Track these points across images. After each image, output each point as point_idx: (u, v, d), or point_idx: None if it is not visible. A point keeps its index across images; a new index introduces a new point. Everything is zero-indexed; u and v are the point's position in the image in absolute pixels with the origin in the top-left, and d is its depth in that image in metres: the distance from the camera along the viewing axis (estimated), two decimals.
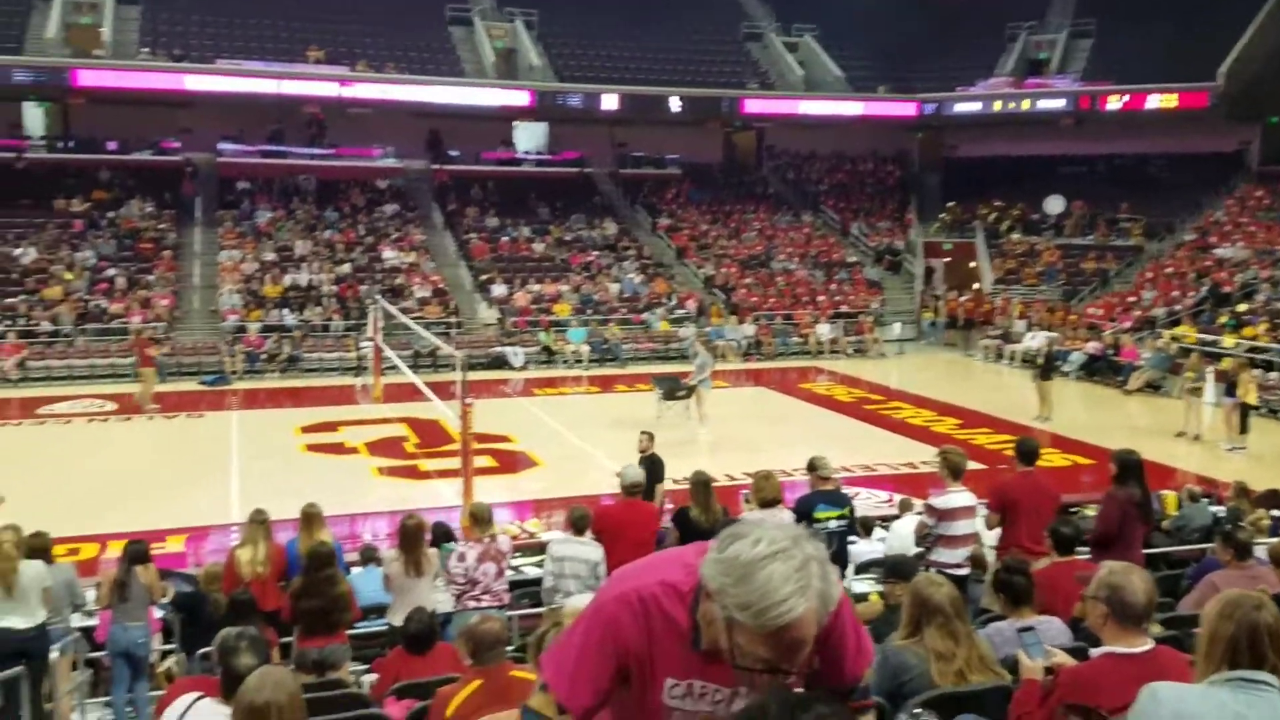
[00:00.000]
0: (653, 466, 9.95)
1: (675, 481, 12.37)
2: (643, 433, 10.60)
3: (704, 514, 7.25)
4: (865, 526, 9.60)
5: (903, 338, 26.53)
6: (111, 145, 27.37)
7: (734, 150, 34.76)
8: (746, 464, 13.49)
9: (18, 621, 6.26)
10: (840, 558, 7.11)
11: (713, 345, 23.18)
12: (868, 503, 11.81)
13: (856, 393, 20.74)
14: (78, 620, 7.14)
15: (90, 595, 7.31)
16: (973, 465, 8.16)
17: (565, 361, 23.39)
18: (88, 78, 24.81)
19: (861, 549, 8.71)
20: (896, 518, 9.72)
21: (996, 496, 6.93)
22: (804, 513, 7.18)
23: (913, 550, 7.22)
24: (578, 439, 16.19)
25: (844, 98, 31.09)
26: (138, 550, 6.92)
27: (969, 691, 3.68)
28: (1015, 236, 29.30)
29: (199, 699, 3.39)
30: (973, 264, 29.35)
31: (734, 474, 12.59)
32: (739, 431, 16.38)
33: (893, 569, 5.41)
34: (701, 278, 27.96)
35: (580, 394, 21.01)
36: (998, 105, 30.17)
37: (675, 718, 2.00)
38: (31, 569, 6.42)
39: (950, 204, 31.09)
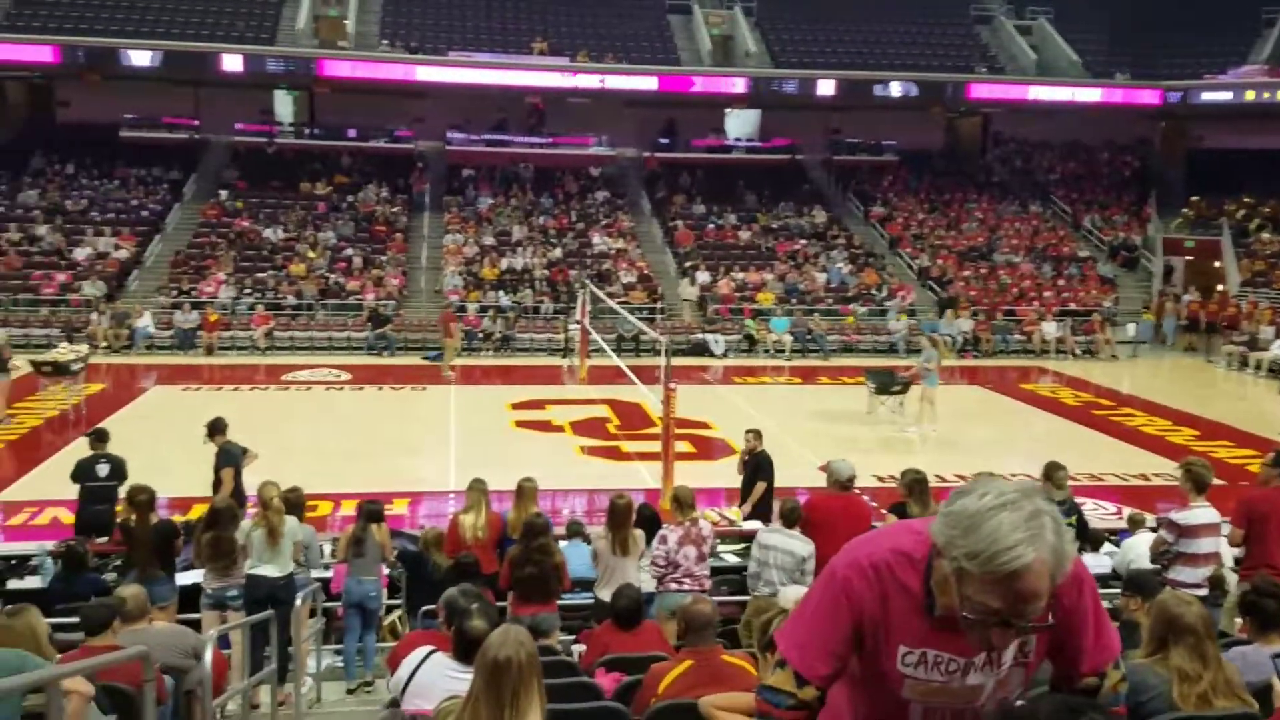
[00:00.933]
0: (759, 465, 9.71)
1: (879, 479, 12.13)
2: (748, 431, 10.50)
3: (923, 511, 7.00)
4: (1093, 540, 9.01)
5: (1137, 339, 24.76)
6: (351, 132, 29.37)
7: (957, 137, 33.42)
8: (960, 465, 13.02)
9: (272, 570, 6.84)
10: None
11: (936, 339, 22.45)
12: (1093, 514, 11.07)
13: (1084, 396, 19.52)
14: (315, 572, 7.68)
15: (327, 549, 7.86)
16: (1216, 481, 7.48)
17: (767, 351, 23.22)
18: (332, 68, 26.66)
19: (1088, 563, 8.15)
20: (1126, 532, 9.07)
21: (1243, 511, 6.40)
22: None
23: (1146, 568, 6.73)
24: (778, 429, 16.00)
25: (1080, 84, 29.28)
26: (374, 510, 7.38)
27: (1213, 717, 3.48)
28: (1266, 236, 26.89)
29: (432, 652, 3.57)
30: (1217, 264, 27.07)
31: (945, 475, 12.11)
32: (953, 431, 15.73)
33: (1133, 583, 5.05)
34: (916, 269, 27.06)
35: (781, 384, 20.80)
36: (1250, 95, 27.81)
37: (909, 687, 1.97)
38: (290, 523, 7.00)
39: (1194, 198, 28.83)
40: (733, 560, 8.78)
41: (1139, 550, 7.54)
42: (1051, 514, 1.75)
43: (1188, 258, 27.82)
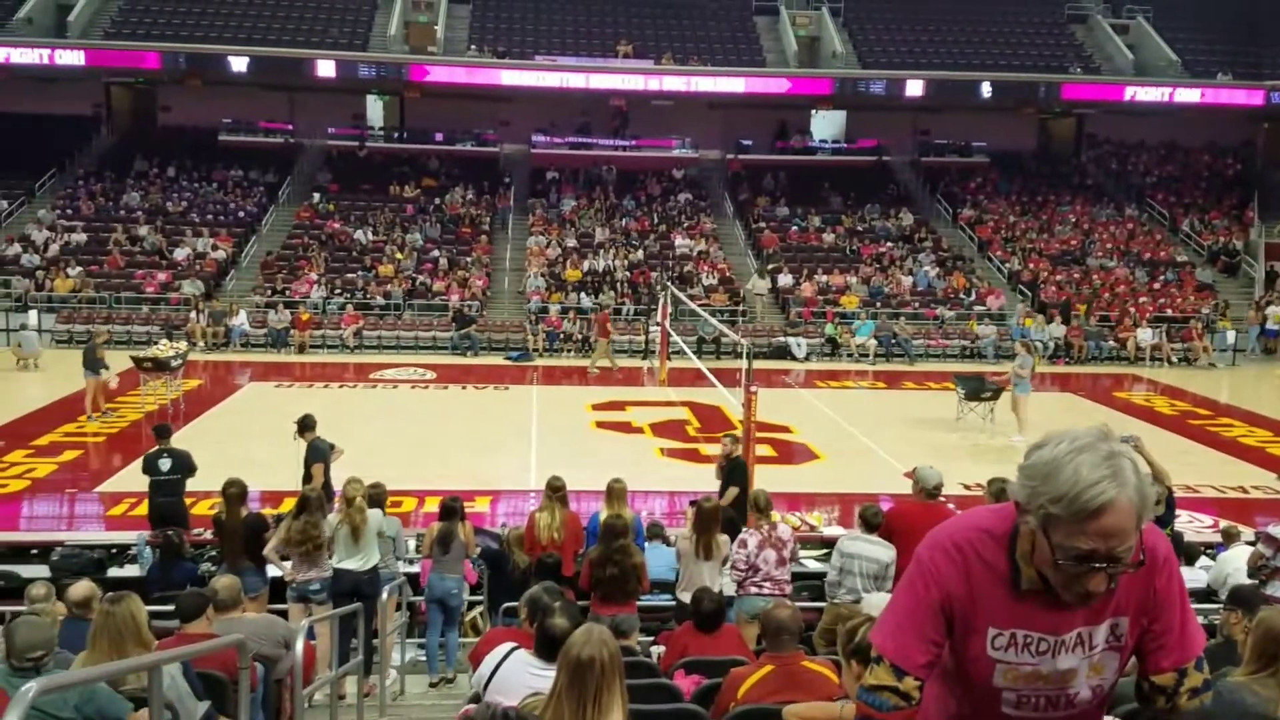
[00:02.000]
0: (734, 471, 9.53)
1: (966, 488, 11.88)
2: (725, 435, 10.27)
3: None
4: (1188, 554, 8.69)
5: (1237, 347, 23.80)
6: (439, 136, 29.91)
7: (1050, 138, 32.59)
8: None
9: (356, 564, 7.00)
10: None
11: (1030, 344, 21.94)
12: (1189, 527, 10.70)
13: (1180, 405, 18.85)
14: (402, 567, 7.83)
15: (412, 545, 8.01)
16: None
17: (850, 355, 22.93)
18: (422, 73, 27.18)
19: (1184, 576, 7.87)
20: (1221, 546, 8.74)
21: None
22: None
23: (1248, 583, 6.47)
24: (861, 434, 15.83)
25: (1179, 84, 28.25)
26: (456, 507, 7.50)
27: None
28: None
29: (514, 649, 3.61)
30: None
31: None
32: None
33: (1236, 598, 4.85)
34: (1006, 273, 26.46)
35: (865, 389, 20.52)
36: None
37: (1000, 673, 1.94)
38: (374, 518, 7.15)
39: None
40: (814, 566, 8.69)
41: (1235, 564, 7.27)
42: (1128, 455, 1.76)
43: None
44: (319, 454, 9.52)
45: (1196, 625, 2.01)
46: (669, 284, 21.63)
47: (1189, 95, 28.24)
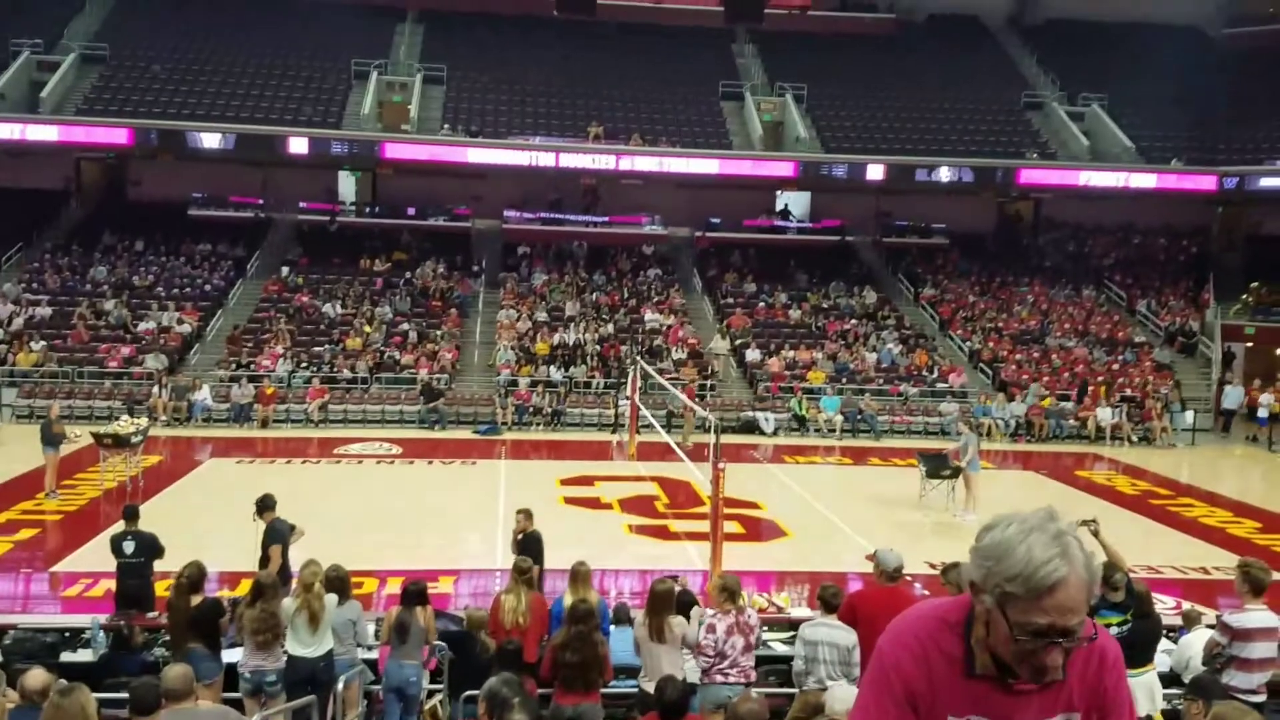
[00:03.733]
0: (529, 545, 9.52)
1: (932, 566, 11.90)
2: (519, 511, 10.14)
3: None
4: None
5: (1196, 427, 24.19)
6: (411, 210, 30.15)
7: (1008, 220, 33.38)
8: None
9: (311, 650, 6.87)
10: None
11: (978, 423, 22.16)
12: None
13: (1141, 485, 19.08)
14: (361, 653, 7.69)
15: (372, 630, 7.88)
16: (1276, 576, 7.26)
17: (818, 430, 23.08)
18: (395, 150, 27.49)
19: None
20: (1183, 629, 8.79)
21: None
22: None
23: (1200, 669, 6.53)
24: (828, 511, 15.87)
25: (1134, 169, 29.08)
26: (419, 591, 7.37)
27: None
28: None
29: None
30: (1279, 350, 26.45)
31: None
32: None
33: (1197, 686, 4.91)
34: (967, 351, 26.86)
35: (832, 464, 20.63)
36: None
37: None
38: (332, 603, 7.04)
39: (1254, 284, 28.32)
40: (781, 649, 8.63)
41: (1197, 649, 7.31)
42: (1073, 534, 1.87)
43: (1248, 344, 27.29)
44: (277, 536, 9.38)
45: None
46: (638, 358, 21.77)
47: (1144, 181, 29.05)
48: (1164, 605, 11.24)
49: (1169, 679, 7.54)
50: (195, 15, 30.74)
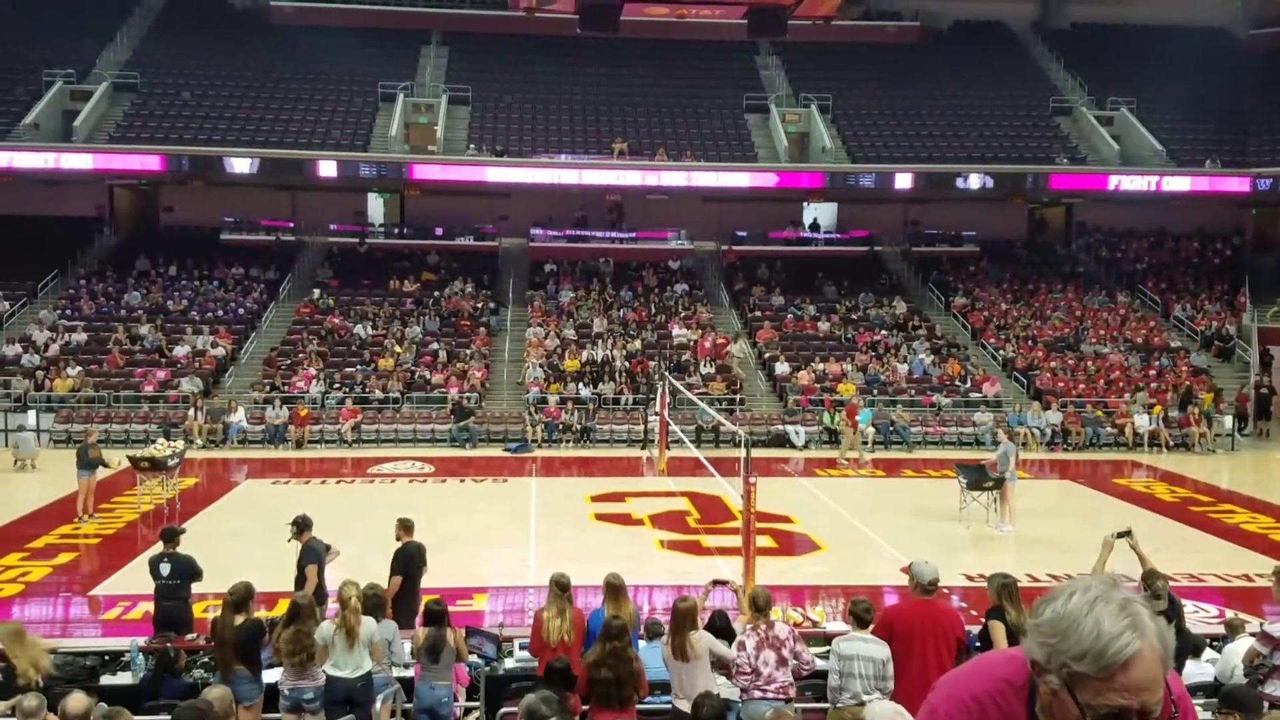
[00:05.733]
0: (410, 558, 9.32)
1: (969, 579, 11.76)
2: (399, 520, 9.80)
3: (1018, 615, 6.73)
4: (1194, 646, 8.55)
5: (1236, 432, 23.81)
6: (439, 231, 30.39)
7: (1039, 226, 33.10)
8: (1051, 564, 12.59)
9: (348, 671, 6.88)
10: None
11: (1014, 433, 21.92)
12: (1194, 617, 10.54)
13: (1181, 492, 18.78)
14: (397, 671, 7.70)
15: (407, 648, 7.88)
16: None
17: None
18: (422, 171, 27.74)
19: (1189, 671, 7.76)
20: (1227, 638, 8.61)
21: None
22: None
23: (1242, 679, 6.39)
24: (861, 524, 15.73)
25: (1166, 172, 28.75)
26: (438, 611, 7.28)
27: None
28: None
29: None
30: None
31: (1037, 574, 11.72)
32: (1044, 529, 15.22)
33: (1230, 698, 4.80)
34: (1000, 359, 26.61)
35: (864, 477, 20.45)
36: None
37: None
38: (368, 623, 7.05)
39: None
40: (818, 665, 8.54)
41: (1240, 658, 7.16)
42: (1141, 602, 1.70)
43: None
44: (314, 555, 9.41)
45: None
46: (666, 373, 21.74)
47: (1176, 184, 28.72)
48: (1207, 614, 11.08)
49: (1214, 689, 7.39)
50: (223, 43, 31.23)
